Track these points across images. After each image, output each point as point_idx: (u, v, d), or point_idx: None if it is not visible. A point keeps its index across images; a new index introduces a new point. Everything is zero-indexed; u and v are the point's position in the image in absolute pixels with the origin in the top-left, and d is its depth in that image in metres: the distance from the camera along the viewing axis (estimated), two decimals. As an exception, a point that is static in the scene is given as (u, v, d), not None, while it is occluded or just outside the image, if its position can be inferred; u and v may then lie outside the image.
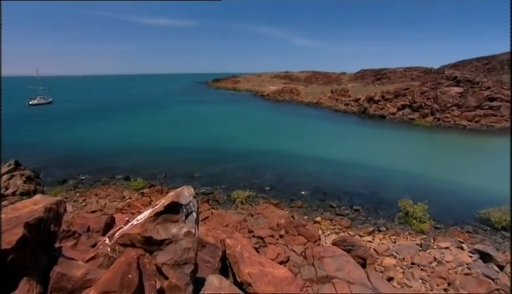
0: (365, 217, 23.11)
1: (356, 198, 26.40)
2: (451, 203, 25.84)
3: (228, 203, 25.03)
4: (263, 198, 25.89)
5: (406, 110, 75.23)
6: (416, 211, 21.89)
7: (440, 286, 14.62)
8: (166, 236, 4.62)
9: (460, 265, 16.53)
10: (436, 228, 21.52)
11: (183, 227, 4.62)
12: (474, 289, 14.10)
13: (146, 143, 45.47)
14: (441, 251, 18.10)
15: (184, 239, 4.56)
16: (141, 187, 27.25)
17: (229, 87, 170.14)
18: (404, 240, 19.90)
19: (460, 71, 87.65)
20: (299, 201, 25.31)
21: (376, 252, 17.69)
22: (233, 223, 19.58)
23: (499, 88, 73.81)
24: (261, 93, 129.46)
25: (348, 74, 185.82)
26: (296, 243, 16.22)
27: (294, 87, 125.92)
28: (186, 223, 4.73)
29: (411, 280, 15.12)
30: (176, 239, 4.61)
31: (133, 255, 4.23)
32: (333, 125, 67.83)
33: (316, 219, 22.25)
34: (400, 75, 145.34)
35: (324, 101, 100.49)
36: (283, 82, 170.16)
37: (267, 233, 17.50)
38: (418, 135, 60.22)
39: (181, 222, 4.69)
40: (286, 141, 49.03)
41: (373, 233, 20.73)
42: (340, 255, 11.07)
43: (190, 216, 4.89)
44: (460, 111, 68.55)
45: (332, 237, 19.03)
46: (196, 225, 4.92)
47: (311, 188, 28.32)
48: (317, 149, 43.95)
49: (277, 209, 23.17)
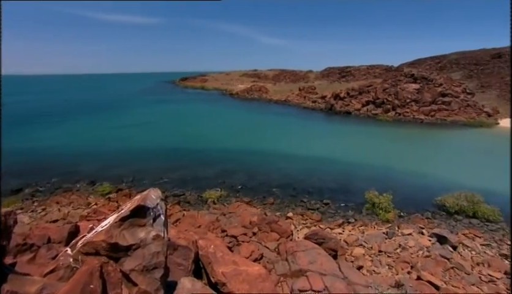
0: (334, 210, 23.91)
1: (326, 192, 27.24)
2: (412, 192, 27.58)
3: (200, 204, 24.65)
4: (235, 197, 25.81)
5: (370, 106, 78.96)
6: (382, 202, 23.10)
7: (404, 270, 15.55)
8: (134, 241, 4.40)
9: (421, 249, 17.72)
10: (400, 217, 22.85)
11: (151, 231, 4.43)
12: (433, 269, 15.22)
13: (112, 146, 43.14)
14: (404, 237, 19.25)
15: (153, 243, 4.37)
16: (108, 192, 25.93)
17: (197, 86, 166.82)
18: (372, 230, 20.88)
19: (417, 69, 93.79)
20: (271, 198, 25.56)
21: (346, 243, 18.40)
22: (205, 223, 19.30)
23: (449, 85, 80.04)
24: (230, 92, 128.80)
25: (314, 72, 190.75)
26: (269, 239, 16.37)
27: (263, 86, 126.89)
28: (154, 227, 4.54)
29: (379, 267, 15.93)
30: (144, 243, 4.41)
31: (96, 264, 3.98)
32: (302, 122, 69.27)
33: (288, 215, 22.63)
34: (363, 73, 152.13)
35: (292, 98, 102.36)
36: (252, 80, 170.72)
37: (241, 232, 17.48)
38: (381, 129, 63.40)
39: (149, 226, 4.49)
40: (256, 139, 49.31)
41: (342, 225, 21.52)
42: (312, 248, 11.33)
43: (158, 219, 4.70)
44: (418, 106, 73.30)
45: (304, 232, 19.45)
46: (165, 228, 4.75)
47: (282, 184, 28.74)
48: (287, 146, 44.67)
49: (250, 207, 23.22)
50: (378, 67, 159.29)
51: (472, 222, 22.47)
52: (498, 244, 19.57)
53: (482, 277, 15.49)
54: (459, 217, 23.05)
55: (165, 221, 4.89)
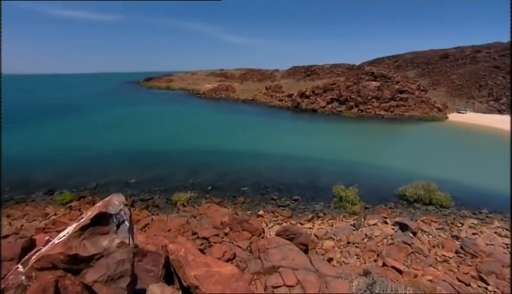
0: (304, 205, 24.50)
1: (295, 188, 27.79)
2: (376, 184, 29.08)
3: (169, 207, 23.95)
4: (205, 198, 25.44)
5: (335, 103, 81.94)
6: (348, 195, 24.09)
7: (371, 258, 16.35)
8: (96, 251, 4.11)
9: (385, 237, 18.73)
10: (366, 208, 24.01)
11: (115, 238, 4.16)
12: (396, 255, 16.19)
13: (72, 151, 39.60)
14: (370, 228, 20.23)
15: (117, 251, 4.12)
16: (69, 201, 24.14)
17: (162, 87, 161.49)
18: (340, 222, 21.67)
19: (376, 68, 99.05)
20: (241, 198, 25.54)
21: (316, 236, 18.92)
22: (175, 227, 18.80)
23: (406, 82, 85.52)
24: (196, 91, 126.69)
25: (281, 71, 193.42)
26: (241, 239, 16.34)
27: (230, 85, 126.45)
28: (118, 234, 4.27)
29: (348, 258, 16.59)
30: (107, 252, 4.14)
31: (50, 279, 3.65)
32: (269, 120, 70.03)
33: (260, 213, 22.76)
34: (327, 71, 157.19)
35: (259, 97, 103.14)
36: (219, 80, 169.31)
37: (212, 233, 17.26)
38: (346, 125, 66.06)
39: (112, 233, 4.22)
40: (225, 138, 48.97)
41: (312, 219, 22.11)
42: (284, 244, 11.47)
43: (122, 226, 4.44)
44: (379, 103, 77.48)
45: (275, 229, 19.68)
46: (130, 234, 4.49)
47: (252, 183, 28.84)
48: (256, 144, 44.92)
49: (220, 208, 23.01)
50: (341, 65, 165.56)
51: (428, 208, 24.26)
52: (450, 226, 21.38)
53: (437, 257, 16.80)
54: (417, 205, 24.77)
55: (130, 227, 4.63)
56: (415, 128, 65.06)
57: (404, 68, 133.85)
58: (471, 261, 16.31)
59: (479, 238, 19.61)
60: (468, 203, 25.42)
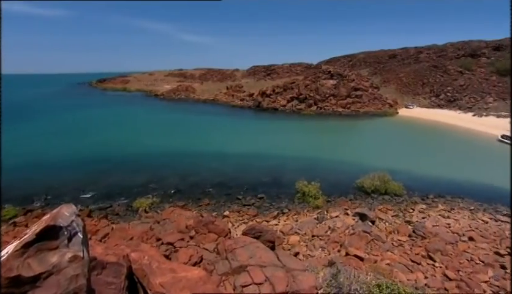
0: (269, 203, 24.83)
1: (260, 186, 28.04)
2: (337, 178, 30.42)
3: (131, 214, 22.78)
4: (169, 202, 24.65)
5: (295, 102, 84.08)
6: (311, 190, 24.88)
7: (335, 249, 17.08)
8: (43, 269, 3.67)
9: (347, 228, 19.69)
10: (328, 202, 25.01)
11: (66, 253, 3.76)
12: (357, 244, 17.09)
13: (18, 160, 33.91)
14: (333, 220, 21.12)
15: (70, 266, 3.73)
16: (13, 216, 21.64)
17: (118, 88, 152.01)
18: (304, 217, 22.32)
19: (333, 67, 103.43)
20: (206, 199, 25.15)
21: (282, 233, 19.28)
22: (138, 234, 17.93)
23: (360, 80, 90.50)
24: (155, 92, 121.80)
25: (241, 70, 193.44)
26: (208, 241, 16.08)
27: (190, 85, 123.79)
28: (70, 248, 3.88)
29: (313, 250, 17.14)
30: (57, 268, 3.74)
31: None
32: (231, 120, 69.83)
33: (225, 213, 22.62)
34: (286, 70, 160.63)
35: (220, 97, 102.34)
36: (178, 80, 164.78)
37: (177, 237, 16.75)
38: (306, 123, 68.18)
39: (63, 247, 3.81)
40: (186, 140, 47.82)
41: (278, 216, 22.49)
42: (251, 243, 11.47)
43: (75, 238, 4.04)
44: (336, 100, 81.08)
45: (241, 228, 19.69)
46: (84, 246, 4.10)
47: (216, 184, 28.53)
48: (218, 145, 44.51)
49: (185, 211, 22.43)
50: (299, 64, 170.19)
51: (384, 197, 25.97)
52: (403, 213, 23.16)
53: (393, 242, 18.08)
54: (374, 195, 26.40)
55: (84, 239, 4.24)
56: (370, 123, 69.27)
57: (358, 67, 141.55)
58: (421, 242, 17.80)
59: (427, 221, 21.47)
60: (417, 189, 27.66)
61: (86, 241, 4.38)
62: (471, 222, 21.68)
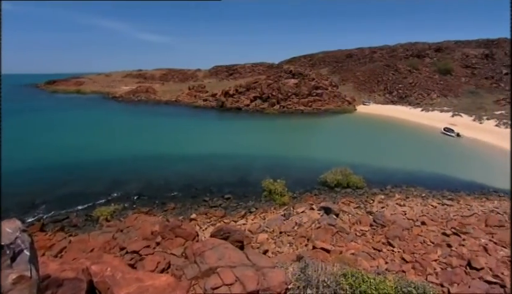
0: (236, 203, 24.78)
1: (226, 187, 27.86)
2: (301, 175, 31.23)
3: (91, 224, 21.36)
4: (132, 209, 23.52)
5: (258, 101, 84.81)
6: (277, 188, 25.27)
7: (303, 243, 17.53)
8: (-17, 294, 3.24)
9: (313, 222, 20.31)
10: (294, 198, 25.58)
11: (10, 274, 3.34)
12: (323, 237, 17.71)
13: None
14: (299, 216, 21.66)
15: (14, 289, 3.32)
16: None
17: (71, 90, 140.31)
18: (271, 214, 22.60)
19: (294, 66, 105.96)
20: (171, 203, 24.42)
21: (250, 232, 19.35)
22: (99, 245, 16.89)
23: (320, 79, 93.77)
24: (113, 94, 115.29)
25: (203, 70, 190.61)
26: (175, 246, 15.63)
27: (150, 86, 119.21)
28: (14, 267, 3.45)
29: (282, 247, 17.44)
30: (0, 292, 3.34)
31: None
32: (195, 121, 68.56)
33: (192, 216, 22.16)
34: (249, 70, 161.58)
35: (182, 98, 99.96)
36: (137, 81, 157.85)
37: (142, 245, 16.05)
38: (270, 121, 69.10)
39: (6, 268, 3.37)
40: (148, 143, 45.94)
41: (245, 215, 22.54)
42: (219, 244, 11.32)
43: (20, 256, 3.60)
44: (298, 99, 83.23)
45: (209, 230, 19.44)
46: (32, 265, 3.67)
47: (182, 187, 27.83)
48: (182, 147, 43.44)
49: (149, 217, 21.56)
50: (261, 64, 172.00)
51: (347, 191, 27.22)
52: (364, 204, 24.47)
53: (357, 233, 19.03)
54: (337, 189, 27.55)
55: (32, 256, 3.79)
56: (331, 120, 72.16)
57: (318, 66, 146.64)
58: (381, 230, 18.93)
59: (386, 210, 22.93)
60: (376, 181, 29.39)
61: (35, 258, 3.94)
62: (423, 208, 23.56)
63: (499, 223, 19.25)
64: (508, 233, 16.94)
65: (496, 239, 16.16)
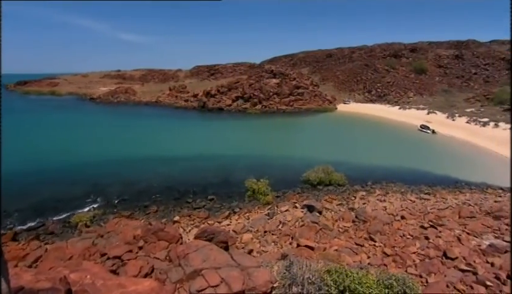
0: (220, 203, 24.63)
1: (210, 188, 27.66)
2: (284, 174, 31.48)
3: (69, 231, 20.57)
4: (113, 213, 22.87)
5: (240, 101, 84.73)
6: (260, 187, 25.35)
7: (287, 242, 17.70)
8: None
9: (297, 221, 20.55)
10: (277, 197, 25.75)
11: None
12: (307, 234, 17.96)
13: None
14: (283, 214, 21.84)
15: None
16: None
17: (45, 92, 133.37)
18: (255, 214, 22.66)
19: (275, 66, 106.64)
20: (154, 206, 23.94)
21: (235, 232, 19.32)
22: (78, 252, 16.31)
23: (301, 79, 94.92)
24: (90, 96, 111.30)
25: (184, 71, 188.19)
26: (158, 249, 15.36)
27: (130, 87, 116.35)
28: None
29: (267, 246, 17.52)
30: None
31: None
32: (176, 122, 67.60)
33: (175, 219, 21.85)
34: (230, 70, 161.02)
35: (163, 99, 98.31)
36: (116, 82, 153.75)
37: (124, 249, 15.67)
38: (252, 121, 69.18)
39: None
40: (128, 145, 44.79)
41: (229, 216, 22.47)
42: (203, 246, 11.26)
43: None
44: (279, 98, 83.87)
45: (193, 232, 19.24)
46: (1, 277, 3.42)
47: (164, 189, 27.36)
48: (163, 148, 42.67)
49: (131, 221, 21.05)
50: (242, 64, 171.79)
51: (329, 188, 27.72)
52: (346, 201, 24.99)
53: (339, 229, 19.43)
54: (320, 187, 28.00)
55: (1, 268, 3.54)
56: (312, 119, 73.19)
57: (298, 66, 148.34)
58: (363, 226, 19.41)
59: (367, 206, 23.55)
60: (358, 178, 30.09)
61: (4, 270, 3.70)
62: (402, 202, 24.39)
63: (471, 215, 20.27)
64: (479, 223, 17.86)
65: (468, 230, 16.99)
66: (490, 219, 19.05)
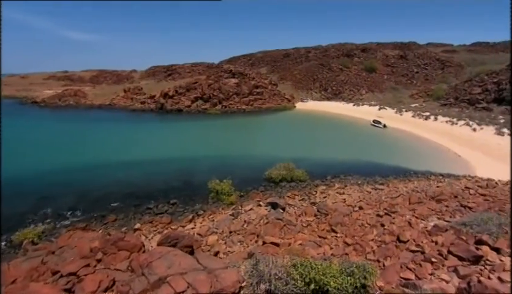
0: (183, 207, 24.04)
1: (171, 192, 26.84)
2: (247, 173, 31.66)
3: (11, 251, 18.57)
4: (65, 227, 21.17)
5: (199, 102, 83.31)
6: (224, 188, 25.22)
7: (253, 240, 17.83)
8: None
9: (261, 219, 20.79)
10: (241, 196, 25.84)
11: None
12: (272, 231, 18.27)
13: None
14: (247, 213, 21.95)
15: None
16: None
17: None
18: (220, 215, 22.49)
19: (234, 66, 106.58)
20: (112, 215, 22.63)
21: (200, 235, 18.99)
22: (23, 274, 14.69)
23: (260, 78, 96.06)
24: (33, 99, 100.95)
25: (139, 71, 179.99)
26: (119, 260, 14.48)
27: (80, 89, 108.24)
28: None
29: (233, 246, 17.47)
30: None
31: None
32: (133, 125, 64.57)
33: (136, 226, 20.88)
34: (188, 70, 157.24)
35: (118, 101, 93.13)
36: (64, 84, 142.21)
37: (80, 264, 14.49)
38: (212, 122, 68.47)
39: None
40: (81, 152, 41.65)
41: (193, 219, 22.03)
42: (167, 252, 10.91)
43: None
44: (239, 98, 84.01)
45: (156, 239, 18.54)
46: None
47: (122, 196, 25.97)
48: (120, 153, 40.49)
49: (87, 233, 19.54)
50: (201, 64, 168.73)
51: (291, 185, 28.45)
52: (308, 196, 25.86)
53: (303, 224, 20.05)
54: (282, 184, 28.62)
55: None
56: (272, 118, 74.51)
57: (257, 65, 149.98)
58: (325, 219, 20.24)
59: (328, 199, 24.60)
60: (318, 173, 31.28)
61: None
62: (359, 194, 25.88)
63: (418, 200, 22.21)
64: (425, 207, 19.64)
65: (417, 214, 18.59)
66: (433, 203, 21.04)
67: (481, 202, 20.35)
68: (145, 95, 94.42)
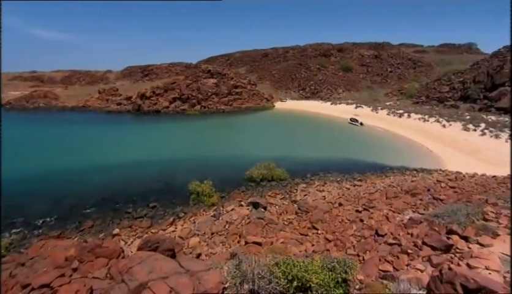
0: (163, 210, 23.54)
1: (151, 195, 26.22)
2: (227, 173, 31.53)
3: (-25, 265, 17.39)
4: (37, 236, 20.10)
5: (177, 102, 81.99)
6: (204, 189, 24.95)
7: (235, 241, 17.78)
8: None
9: (243, 219, 20.79)
10: (222, 197, 25.66)
11: None
12: (254, 231, 18.33)
13: None
14: (229, 214, 21.87)
15: None
16: None
17: None
18: (201, 217, 22.25)
19: (212, 66, 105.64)
20: (89, 221, 21.76)
21: (181, 238, 18.69)
22: (-9, 287, 13.92)
23: (239, 78, 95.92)
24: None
25: (114, 72, 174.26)
26: (97, 268, 13.92)
27: (50, 90, 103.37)
28: None
29: (215, 247, 17.34)
30: None
31: None
32: (109, 127, 62.48)
33: (115, 232, 20.21)
34: (165, 71, 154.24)
35: (92, 103, 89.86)
36: (32, 85, 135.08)
37: (54, 275, 13.76)
38: (191, 122, 67.63)
39: None
40: (53, 156, 39.76)
41: (174, 222, 21.64)
42: (148, 257, 10.62)
43: None
44: (218, 98, 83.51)
45: (136, 243, 18.03)
46: None
47: (99, 201, 25.07)
48: (96, 157, 39.04)
49: (61, 241, 18.67)
50: (178, 64, 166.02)
51: (272, 184, 28.63)
52: (289, 194, 26.14)
53: (284, 222, 20.25)
54: (263, 183, 28.74)
55: None
56: (252, 118, 74.64)
57: (236, 65, 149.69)
58: (306, 216, 20.54)
59: (308, 197, 24.97)
60: (298, 172, 31.67)
61: None
62: (339, 190, 26.47)
63: (395, 195, 23.05)
64: (401, 201, 20.43)
65: (393, 208, 19.29)
66: (408, 197, 21.92)
67: (451, 194, 21.42)
68: (121, 96, 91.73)
